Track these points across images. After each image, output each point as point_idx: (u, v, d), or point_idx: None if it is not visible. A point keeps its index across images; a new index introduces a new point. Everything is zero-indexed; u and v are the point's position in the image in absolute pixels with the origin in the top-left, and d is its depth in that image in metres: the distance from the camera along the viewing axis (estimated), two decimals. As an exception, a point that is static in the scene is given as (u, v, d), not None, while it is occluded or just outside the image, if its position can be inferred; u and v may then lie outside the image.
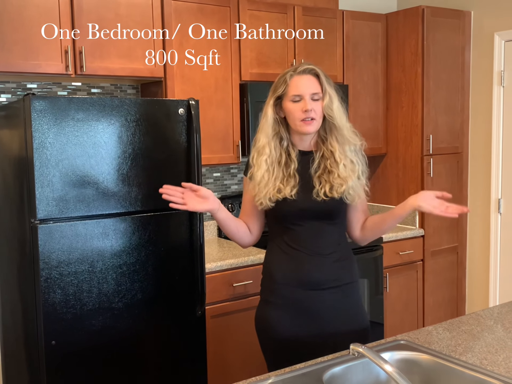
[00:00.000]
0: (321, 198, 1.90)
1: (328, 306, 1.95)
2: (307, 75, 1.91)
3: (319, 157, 1.95)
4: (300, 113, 1.89)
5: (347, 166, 1.93)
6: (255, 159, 1.96)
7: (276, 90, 1.94)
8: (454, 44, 3.81)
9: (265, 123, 1.96)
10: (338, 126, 1.93)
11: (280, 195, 1.91)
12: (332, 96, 1.91)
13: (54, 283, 2.33)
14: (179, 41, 3.03)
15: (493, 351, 1.65)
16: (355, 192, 1.94)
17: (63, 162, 2.32)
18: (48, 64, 2.68)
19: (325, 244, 1.96)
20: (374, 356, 1.29)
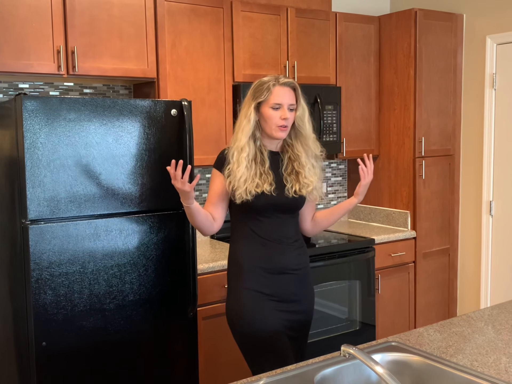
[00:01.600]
0: (291, 195, 2.18)
1: (291, 286, 2.19)
2: (287, 87, 2.15)
3: (287, 159, 2.22)
4: (278, 120, 2.13)
5: (311, 169, 2.22)
6: (235, 157, 2.14)
7: (259, 96, 2.15)
8: (447, 46, 3.82)
9: (247, 124, 2.15)
10: (306, 135, 2.21)
11: (258, 189, 2.12)
12: (304, 108, 2.20)
13: (45, 284, 2.32)
14: (172, 41, 3.03)
15: (484, 353, 1.65)
16: (318, 192, 2.26)
17: (54, 162, 2.31)
18: (40, 64, 2.67)
19: (288, 234, 2.21)
20: (365, 357, 1.29)
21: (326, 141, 3.53)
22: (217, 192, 2.21)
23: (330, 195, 4.17)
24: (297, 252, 2.24)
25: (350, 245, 3.39)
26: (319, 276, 3.30)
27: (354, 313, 3.48)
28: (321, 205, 4.09)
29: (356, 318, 3.47)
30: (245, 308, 2.15)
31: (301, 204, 2.24)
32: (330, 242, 3.54)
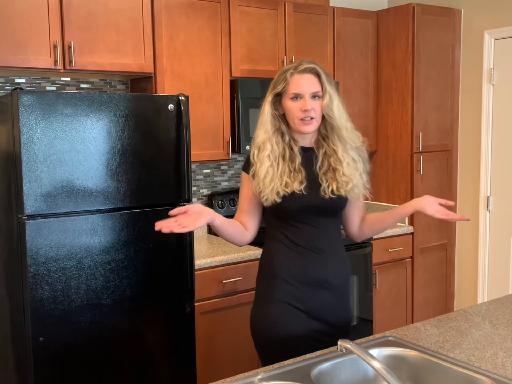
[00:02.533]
0: (328, 195, 1.90)
1: (328, 304, 1.94)
2: (308, 74, 1.89)
3: (322, 155, 1.95)
4: (299, 112, 1.88)
5: (350, 164, 1.93)
6: (256, 156, 1.93)
7: (275, 87, 1.92)
8: (444, 42, 3.82)
9: (263, 120, 1.94)
10: (337, 126, 1.92)
11: (287, 189, 1.88)
12: (332, 95, 1.90)
13: (42, 279, 2.31)
14: (169, 36, 3.02)
15: (481, 348, 1.65)
16: (359, 190, 1.96)
17: (51, 157, 2.30)
18: (37, 58, 2.66)
19: (328, 241, 1.96)
20: (362, 352, 1.29)
21: (323, 136, 3.52)
22: (246, 197, 2.00)
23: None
24: (339, 263, 1.98)
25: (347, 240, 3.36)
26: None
27: (351, 308, 3.47)
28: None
29: (354, 313, 3.47)
30: (272, 321, 1.92)
31: (342, 206, 1.97)
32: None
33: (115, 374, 2.52)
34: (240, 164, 3.73)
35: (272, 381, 1.46)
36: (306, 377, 1.47)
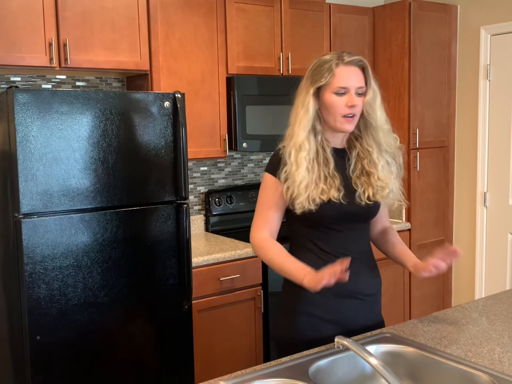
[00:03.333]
0: (364, 202, 1.77)
1: (360, 314, 1.84)
2: (354, 66, 1.72)
3: (355, 157, 1.80)
4: (343, 108, 1.71)
5: (385, 167, 1.80)
6: (292, 157, 1.74)
7: (317, 79, 1.72)
8: (441, 38, 3.81)
9: (305, 115, 1.74)
10: (375, 126, 1.77)
11: (324, 197, 1.73)
12: (375, 92, 1.75)
13: (39, 278, 2.30)
14: (165, 33, 3.01)
15: (478, 343, 1.65)
16: (395, 196, 1.83)
17: (47, 155, 2.29)
18: (32, 56, 2.65)
19: (359, 250, 1.84)
20: (359, 349, 1.29)
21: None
22: (272, 202, 1.81)
23: (325, 188, 4.16)
24: (370, 272, 1.87)
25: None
26: (314, 268, 3.29)
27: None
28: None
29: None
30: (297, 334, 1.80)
31: (376, 212, 1.85)
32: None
33: (112, 372, 2.52)
34: (237, 161, 3.73)
35: (270, 378, 1.46)
36: (303, 374, 1.47)
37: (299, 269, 1.72)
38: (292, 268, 1.74)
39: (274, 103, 3.35)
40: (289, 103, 3.35)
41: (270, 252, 1.80)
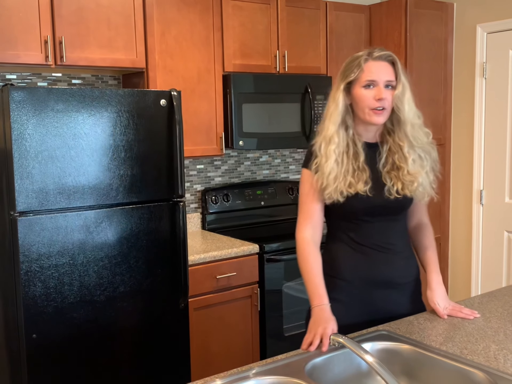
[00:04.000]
0: (393, 196, 1.81)
1: (394, 304, 1.88)
2: (383, 61, 1.77)
3: (386, 151, 1.84)
4: (372, 101, 1.76)
5: (416, 161, 1.82)
6: (322, 149, 1.80)
7: (347, 75, 1.79)
8: (437, 35, 3.81)
9: (335, 110, 1.80)
10: (404, 120, 1.80)
11: (351, 190, 1.79)
12: (405, 86, 1.78)
13: (35, 276, 2.30)
14: (161, 31, 3.00)
15: (473, 341, 1.66)
16: (425, 190, 1.85)
17: (42, 153, 2.29)
18: (27, 54, 2.64)
19: (393, 240, 1.88)
20: (354, 346, 1.29)
21: (317, 131, 3.52)
22: (310, 194, 1.86)
23: (321, 185, 4.16)
24: (405, 262, 1.91)
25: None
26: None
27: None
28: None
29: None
30: None
31: (407, 206, 1.88)
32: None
33: (109, 370, 2.52)
34: (233, 159, 3.73)
35: (266, 375, 1.47)
36: (299, 372, 1.47)
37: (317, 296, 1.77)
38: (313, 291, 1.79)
39: (271, 101, 3.35)
40: (285, 101, 3.39)
41: (306, 263, 1.84)
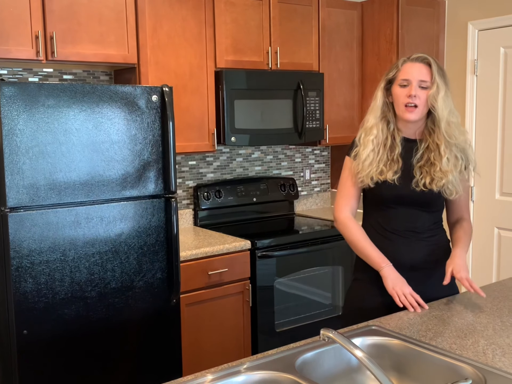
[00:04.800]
0: (420, 188, 1.96)
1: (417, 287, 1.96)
2: (420, 63, 1.96)
3: (424, 148, 1.99)
4: (404, 98, 1.94)
5: (450, 160, 1.96)
6: (362, 138, 2.03)
7: (388, 74, 2.02)
8: (429, 33, 3.82)
9: (375, 105, 2.03)
10: (438, 117, 1.94)
11: (381, 177, 1.97)
12: (440, 86, 1.93)
13: (26, 272, 2.30)
14: (152, 26, 2.99)
15: (462, 336, 1.67)
16: (454, 187, 1.98)
17: (33, 149, 2.28)
18: (18, 49, 2.62)
19: (420, 228, 2.02)
20: (344, 341, 1.30)
21: (309, 128, 3.53)
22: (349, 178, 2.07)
23: (313, 182, 4.18)
24: (432, 248, 2.03)
25: (333, 231, 3.40)
26: (302, 262, 3.31)
27: (337, 298, 3.50)
28: (315, 193, 4.10)
29: (339, 303, 3.49)
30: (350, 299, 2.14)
31: (432, 200, 2.00)
32: (313, 229, 3.55)
33: (100, 366, 2.51)
34: (225, 155, 3.73)
35: (257, 371, 1.47)
36: (290, 367, 1.48)
37: (381, 258, 1.99)
38: (374, 255, 2.00)
39: (263, 97, 3.35)
40: (277, 97, 3.39)
41: (355, 234, 2.06)
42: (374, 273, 2.00)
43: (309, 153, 4.13)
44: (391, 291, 1.92)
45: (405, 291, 1.91)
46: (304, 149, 4.10)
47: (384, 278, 1.95)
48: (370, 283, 2.05)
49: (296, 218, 3.88)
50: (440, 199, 2.03)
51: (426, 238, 2.03)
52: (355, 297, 2.12)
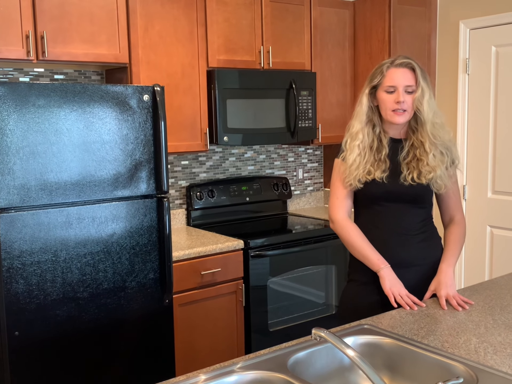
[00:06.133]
0: (408, 183, 2.01)
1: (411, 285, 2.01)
2: (404, 68, 2.01)
3: (409, 146, 2.05)
4: (392, 104, 1.99)
5: (436, 156, 2.01)
6: (348, 144, 2.07)
7: (372, 80, 2.05)
8: (421, 32, 3.83)
9: (360, 111, 2.07)
10: (424, 120, 2.00)
11: (369, 177, 2.02)
12: (424, 90, 1.99)
13: (17, 273, 2.28)
14: (144, 26, 2.98)
15: (454, 334, 1.67)
16: (442, 182, 2.02)
17: (24, 149, 2.26)
18: (8, 49, 2.61)
19: (411, 225, 2.06)
20: (336, 340, 1.30)
21: (301, 127, 3.53)
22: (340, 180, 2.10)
23: (306, 181, 4.18)
24: (423, 245, 2.07)
25: (326, 230, 3.40)
26: (295, 261, 3.31)
27: (330, 297, 3.50)
28: (308, 192, 4.10)
29: (332, 303, 3.50)
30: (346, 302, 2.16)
31: (422, 194, 2.04)
32: (307, 228, 3.55)
33: (92, 367, 2.50)
34: (218, 155, 3.72)
35: (249, 370, 1.47)
36: (282, 366, 1.47)
37: (380, 260, 2.02)
38: (373, 256, 2.03)
39: (255, 97, 3.34)
40: (270, 97, 3.39)
41: (352, 235, 2.08)
42: (370, 273, 2.04)
43: (302, 152, 4.13)
44: (387, 291, 1.96)
45: (402, 292, 1.95)
46: (297, 148, 4.10)
47: (382, 278, 1.98)
48: (365, 284, 2.09)
49: (289, 217, 3.88)
50: (428, 194, 2.06)
51: (415, 235, 2.06)
52: (350, 297, 2.15)
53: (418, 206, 2.07)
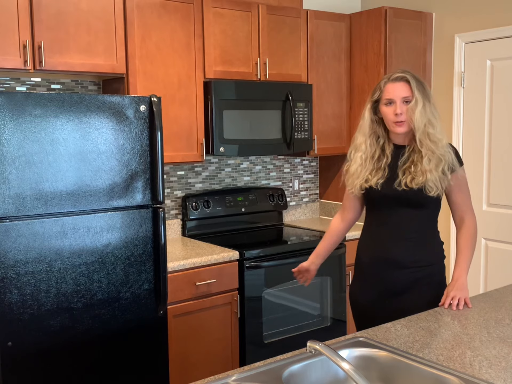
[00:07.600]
0: (401, 188, 2.12)
1: (406, 284, 2.16)
2: (399, 82, 2.13)
3: (409, 151, 2.16)
4: (392, 116, 2.12)
5: (431, 160, 2.09)
6: (352, 155, 2.25)
7: (373, 95, 2.20)
8: (416, 45, 3.86)
9: (363, 124, 2.22)
10: (415, 128, 2.10)
11: (367, 184, 2.18)
12: (418, 100, 2.10)
13: (11, 283, 2.27)
14: (141, 37, 2.99)
15: (449, 347, 1.67)
16: (434, 185, 2.10)
17: (19, 159, 2.26)
18: (5, 58, 2.61)
19: (406, 228, 2.17)
20: (331, 353, 1.29)
21: (297, 139, 3.54)
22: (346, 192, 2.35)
23: (302, 192, 4.18)
24: (418, 248, 2.17)
25: (321, 242, 3.39)
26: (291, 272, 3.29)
27: (325, 309, 3.49)
28: (304, 203, 4.10)
29: (327, 314, 3.49)
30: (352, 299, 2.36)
31: (417, 198, 2.12)
32: (302, 239, 3.55)
33: (86, 378, 2.49)
34: (214, 165, 3.73)
35: (244, 383, 1.46)
36: (277, 379, 1.47)
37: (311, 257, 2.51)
38: None
39: (251, 108, 3.35)
40: (266, 108, 3.40)
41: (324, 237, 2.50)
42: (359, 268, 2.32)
43: (297, 163, 4.14)
44: None
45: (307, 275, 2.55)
46: (292, 159, 4.11)
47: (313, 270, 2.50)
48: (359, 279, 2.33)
49: (284, 228, 3.88)
50: (424, 198, 2.13)
51: (411, 238, 2.17)
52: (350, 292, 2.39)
53: (416, 210, 2.16)
